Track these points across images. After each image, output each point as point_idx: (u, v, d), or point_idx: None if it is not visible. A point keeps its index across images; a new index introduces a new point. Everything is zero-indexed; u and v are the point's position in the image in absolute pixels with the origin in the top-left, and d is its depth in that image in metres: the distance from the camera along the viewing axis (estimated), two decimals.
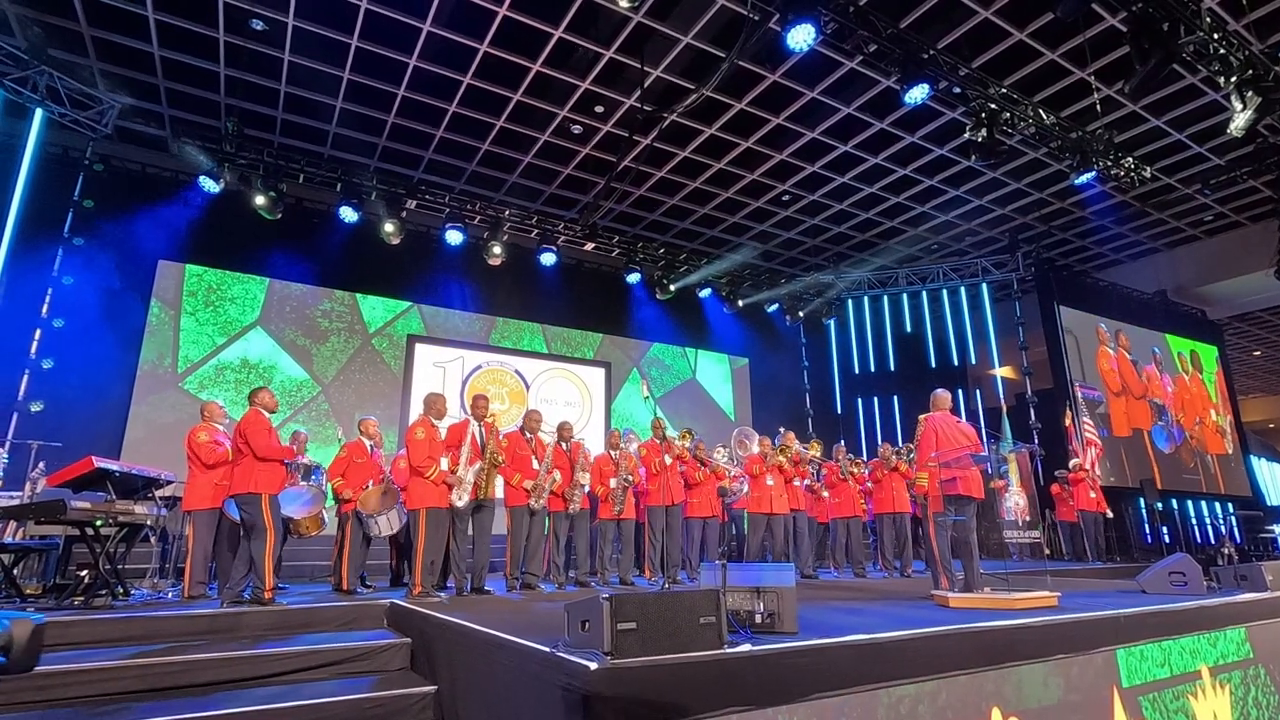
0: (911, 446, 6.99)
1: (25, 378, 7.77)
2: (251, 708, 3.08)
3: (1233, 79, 6.85)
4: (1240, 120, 6.91)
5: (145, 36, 7.59)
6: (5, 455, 6.82)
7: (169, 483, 5.76)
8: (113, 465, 5.17)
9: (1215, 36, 6.68)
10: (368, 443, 6.30)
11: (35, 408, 7.69)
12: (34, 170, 7.77)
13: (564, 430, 6.68)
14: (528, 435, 6.22)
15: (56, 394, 7.88)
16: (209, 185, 8.76)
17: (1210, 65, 6.94)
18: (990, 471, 6.52)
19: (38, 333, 7.96)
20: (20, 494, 6.26)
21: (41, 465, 6.48)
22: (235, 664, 3.60)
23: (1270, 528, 13.92)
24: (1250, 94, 6.77)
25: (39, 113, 7.70)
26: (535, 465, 6.06)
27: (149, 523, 5.18)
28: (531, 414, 6.41)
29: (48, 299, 8.09)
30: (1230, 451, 14.79)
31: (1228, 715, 3.82)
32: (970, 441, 5.17)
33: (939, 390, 5.56)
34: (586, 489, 6.50)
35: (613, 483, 6.61)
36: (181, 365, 9.01)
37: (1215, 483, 14.13)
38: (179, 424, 8.07)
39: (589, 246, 11.58)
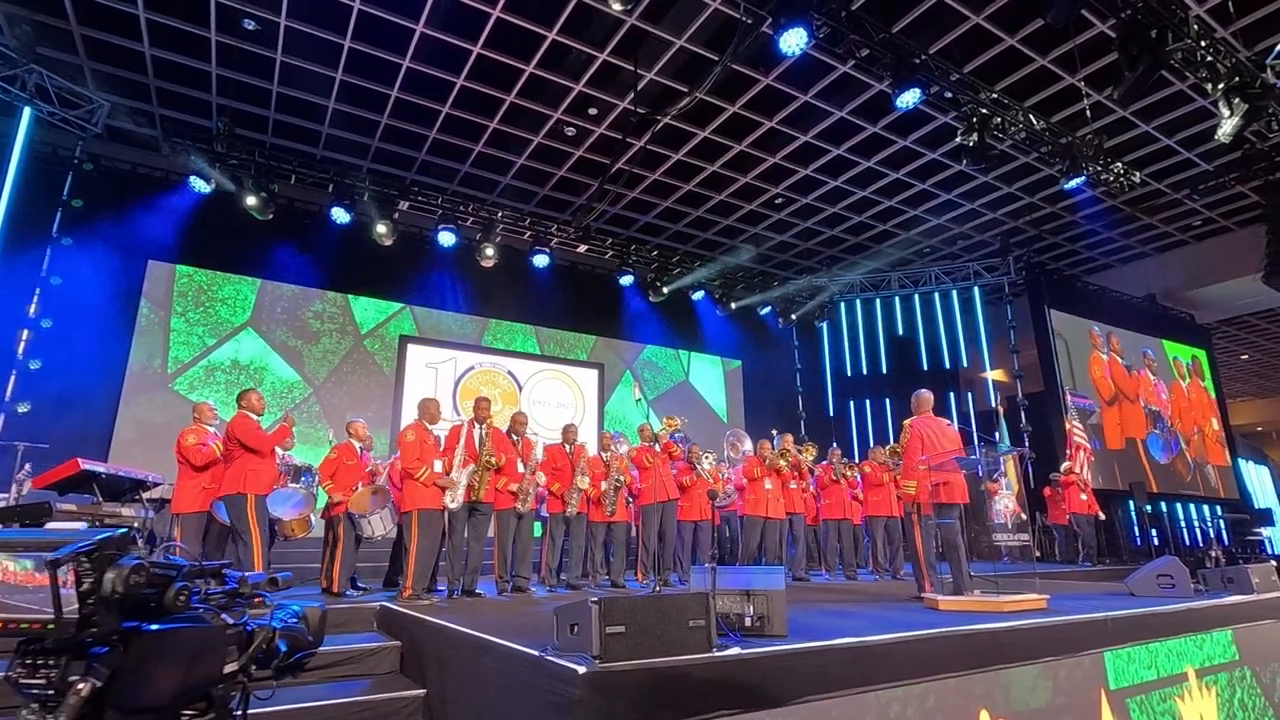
0: (897, 449, 7.00)
1: (12, 379, 7.70)
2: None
3: (1220, 86, 6.92)
4: (1228, 126, 6.98)
5: (136, 35, 7.54)
6: None
7: (156, 485, 5.72)
8: (99, 467, 5.13)
9: (1203, 44, 6.75)
10: (357, 445, 6.27)
11: (22, 409, 7.62)
12: (22, 169, 7.71)
13: (569, 433, 6.69)
14: (514, 437, 6.19)
15: (44, 395, 7.80)
16: (200, 185, 8.71)
17: (1198, 72, 7.01)
18: (982, 474, 6.54)
19: (25, 333, 7.89)
20: (5, 496, 6.20)
21: (28, 467, 6.42)
22: None
23: (1258, 531, 14.03)
24: (1237, 101, 6.83)
25: (27, 111, 7.64)
26: (521, 468, 6.04)
27: (136, 525, 5.14)
28: (517, 416, 6.38)
29: (35, 299, 8.02)
30: (1230, 463, 14.85)
31: (1214, 717, 3.85)
32: (954, 444, 5.19)
33: (921, 391, 5.57)
34: (586, 491, 6.50)
35: (603, 484, 6.60)
36: (171, 366, 8.95)
37: (1216, 494, 14.18)
38: (168, 425, 8.01)
39: (582, 248, 11.58)
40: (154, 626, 0.92)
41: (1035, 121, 8.27)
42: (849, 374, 14.24)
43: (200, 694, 0.89)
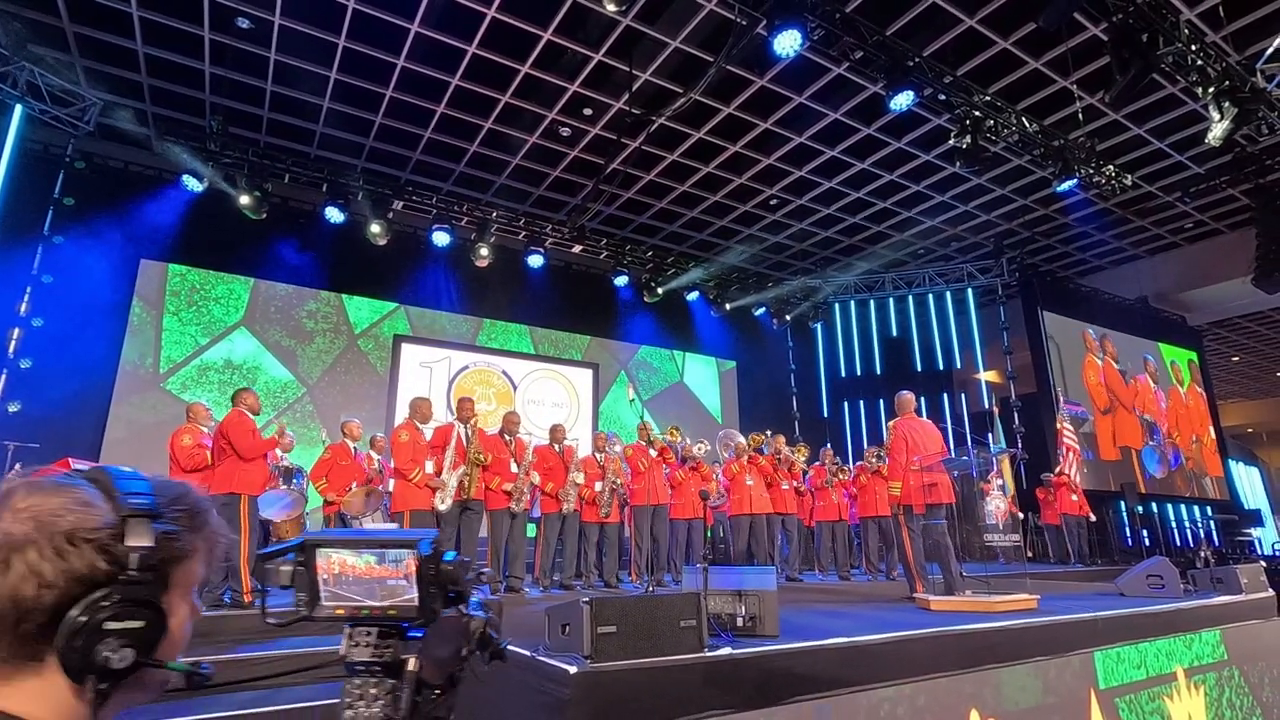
0: (884, 451, 7.02)
1: (3, 378, 7.65)
2: (229, 713, 3.05)
3: (1210, 89, 6.97)
4: (1218, 130, 7.03)
5: (129, 33, 7.51)
6: None
7: None
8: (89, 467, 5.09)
9: (1193, 48, 6.80)
10: (351, 445, 6.27)
11: (12, 408, 7.57)
12: (13, 167, 7.65)
13: (557, 432, 6.69)
14: (507, 437, 6.19)
15: (35, 394, 7.75)
16: (192, 184, 8.67)
17: (1189, 76, 7.06)
18: (975, 475, 6.57)
19: (16, 332, 7.83)
20: None
21: (18, 467, 6.37)
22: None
23: (1247, 531, 14.12)
24: (1227, 104, 6.89)
25: (19, 109, 7.59)
26: (514, 468, 6.04)
27: None
28: (509, 416, 6.38)
29: (26, 298, 7.96)
30: (1223, 469, 14.88)
31: (1202, 716, 3.88)
32: (938, 444, 5.21)
33: (902, 393, 5.58)
34: (581, 487, 6.51)
35: (598, 486, 6.60)
36: (164, 366, 8.90)
37: (1208, 496, 14.21)
38: (160, 425, 7.98)
39: (577, 249, 11.57)
40: None
41: (1028, 124, 8.32)
42: (843, 375, 14.28)
43: (449, 676, 1.03)
